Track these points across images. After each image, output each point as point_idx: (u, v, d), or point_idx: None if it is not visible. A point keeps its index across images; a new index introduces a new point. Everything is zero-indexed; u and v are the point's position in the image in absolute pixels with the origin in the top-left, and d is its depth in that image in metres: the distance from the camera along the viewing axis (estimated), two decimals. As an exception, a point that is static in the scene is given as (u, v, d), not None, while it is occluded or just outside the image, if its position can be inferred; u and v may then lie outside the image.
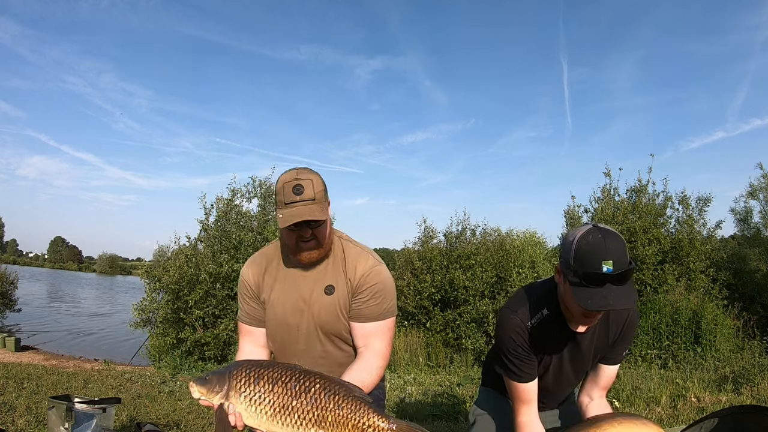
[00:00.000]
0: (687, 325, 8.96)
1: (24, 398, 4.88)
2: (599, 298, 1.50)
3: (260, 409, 1.51)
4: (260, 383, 1.53)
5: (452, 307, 10.73)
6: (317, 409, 1.50)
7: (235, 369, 1.57)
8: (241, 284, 1.89)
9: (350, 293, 1.78)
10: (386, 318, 1.80)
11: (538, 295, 1.75)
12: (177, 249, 10.57)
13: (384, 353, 1.79)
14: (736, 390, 5.21)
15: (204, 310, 9.53)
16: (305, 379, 1.54)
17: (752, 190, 11.84)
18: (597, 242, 1.51)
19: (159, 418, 4.66)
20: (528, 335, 1.72)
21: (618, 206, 10.89)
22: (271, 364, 1.59)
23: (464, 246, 11.45)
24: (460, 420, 4.75)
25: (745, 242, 12.00)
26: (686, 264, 10.35)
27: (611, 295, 1.49)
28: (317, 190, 1.68)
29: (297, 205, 1.66)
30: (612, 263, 1.47)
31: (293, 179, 1.68)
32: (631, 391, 5.07)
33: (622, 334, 1.79)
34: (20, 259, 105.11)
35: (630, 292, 1.52)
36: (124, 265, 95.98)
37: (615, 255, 1.48)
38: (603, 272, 1.48)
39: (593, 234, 1.53)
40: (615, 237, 1.53)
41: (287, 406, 1.51)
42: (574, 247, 1.54)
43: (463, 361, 10.15)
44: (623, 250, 1.51)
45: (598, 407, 1.86)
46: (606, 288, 1.50)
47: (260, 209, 10.81)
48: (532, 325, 1.71)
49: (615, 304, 1.50)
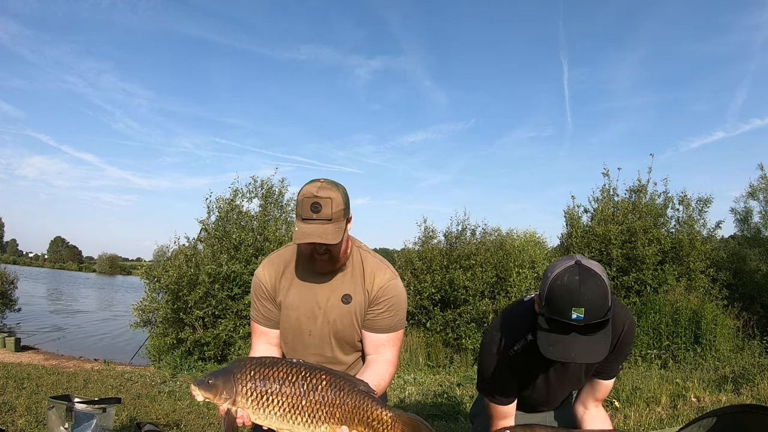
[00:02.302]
0: (687, 325, 8.96)
1: (24, 398, 4.88)
2: (561, 348, 1.41)
3: (269, 410, 1.53)
4: (267, 384, 1.53)
5: (452, 307, 10.73)
6: (326, 406, 1.52)
7: (239, 371, 1.56)
8: (257, 285, 1.89)
9: (367, 303, 1.81)
10: (398, 330, 1.84)
11: (524, 319, 1.65)
12: (177, 249, 10.58)
13: (394, 362, 1.83)
14: (736, 390, 5.21)
15: (204, 310, 9.53)
16: (312, 377, 1.55)
17: (752, 190, 11.86)
18: (571, 286, 1.39)
19: (159, 418, 4.66)
20: (509, 362, 1.68)
21: (618, 206, 10.89)
22: (274, 363, 1.59)
23: (464, 246, 11.45)
24: (460, 420, 4.75)
25: (745, 242, 12.01)
26: (686, 264, 10.35)
27: (576, 345, 1.40)
28: (335, 210, 1.67)
29: (312, 224, 1.66)
30: (584, 311, 1.37)
31: (313, 195, 1.67)
32: (631, 391, 5.07)
33: (617, 348, 1.69)
34: (20, 259, 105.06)
35: (599, 345, 1.41)
36: (124, 265, 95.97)
37: (589, 303, 1.37)
38: (571, 320, 1.38)
39: (570, 275, 1.41)
40: (594, 281, 1.39)
41: (297, 405, 1.53)
42: (548, 287, 1.44)
43: (463, 361, 10.15)
44: (602, 296, 1.39)
45: (593, 416, 1.85)
46: (571, 337, 1.40)
47: (261, 209, 10.80)
48: (515, 352, 1.65)
49: (576, 357, 1.40)
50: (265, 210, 10.77)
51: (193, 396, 1.58)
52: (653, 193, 10.94)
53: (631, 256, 10.12)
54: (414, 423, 1.56)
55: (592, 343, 1.40)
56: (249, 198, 10.77)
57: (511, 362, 1.68)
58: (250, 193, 10.78)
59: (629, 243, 10.19)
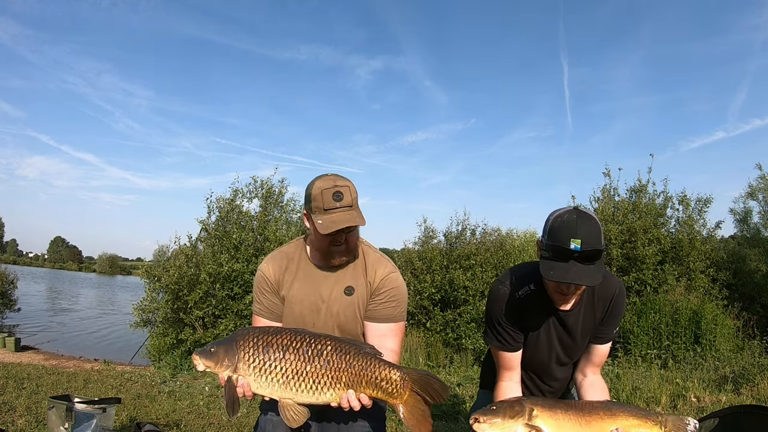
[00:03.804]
0: (687, 325, 8.95)
1: (24, 398, 4.88)
2: (561, 271, 1.56)
3: (271, 377, 1.50)
4: (269, 351, 1.51)
5: (452, 307, 10.72)
6: (331, 371, 1.50)
7: (242, 339, 1.53)
8: (260, 279, 1.91)
9: (368, 294, 1.84)
10: (399, 321, 1.87)
11: (526, 272, 1.82)
12: (177, 249, 10.57)
13: (397, 352, 1.85)
14: (736, 390, 5.21)
15: (204, 310, 9.52)
16: (316, 343, 1.53)
17: (751, 190, 11.84)
18: (570, 221, 1.58)
19: (159, 418, 4.66)
20: (514, 305, 1.80)
21: (618, 206, 10.89)
22: (277, 331, 1.57)
23: (464, 246, 11.44)
24: (460, 420, 4.75)
25: (744, 242, 12.01)
26: (686, 264, 10.33)
27: (573, 270, 1.55)
28: (353, 197, 1.73)
29: (337, 212, 1.69)
30: (580, 242, 1.53)
31: (333, 185, 1.71)
32: (631, 391, 5.07)
33: (609, 312, 1.82)
34: (20, 259, 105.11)
35: (595, 273, 1.56)
36: (124, 265, 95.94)
37: (585, 235, 1.54)
38: (569, 248, 1.54)
39: (569, 214, 1.61)
40: (589, 219, 1.59)
41: (301, 372, 1.50)
42: (549, 224, 1.63)
43: (463, 361, 10.14)
44: (596, 233, 1.57)
45: (592, 383, 1.91)
46: (569, 263, 1.56)
47: (261, 210, 10.80)
48: (519, 297, 1.78)
49: (575, 279, 1.54)
50: (265, 210, 10.77)
51: (194, 365, 1.56)
52: (653, 193, 10.95)
53: (631, 256, 10.11)
54: (424, 379, 1.56)
55: (587, 270, 1.55)
56: (249, 198, 10.79)
57: (517, 305, 1.79)
58: (250, 193, 10.79)
59: (629, 243, 10.19)
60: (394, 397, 1.55)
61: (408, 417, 1.54)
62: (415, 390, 1.55)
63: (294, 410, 1.53)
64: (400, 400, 1.55)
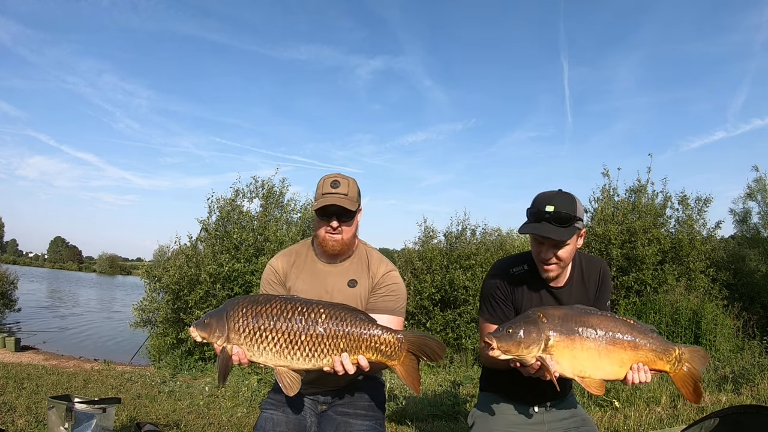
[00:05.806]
0: (687, 325, 8.95)
1: (24, 398, 4.88)
2: (533, 227, 1.79)
3: (264, 346, 1.52)
4: (259, 320, 1.53)
5: (452, 307, 10.72)
6: (329, 338, 1.53)
7: (231, 309, 1.56)
8: (269, 271, 2.03)
9: (370, 288, 1.96)
10: (398, 315, 1.96)
11: (523, 255, 2.01)
12: (177, 249, 10.58)
13: None
14: (736, 390, 5.21)
15: (204, 310, 9.51)
16: (309, 311, 1.55)
17: (750, 191, 11.85)
18: (549, 193, 1.83)
19: (159, 418, 4.66)
20: (508, 280, 1.95)
21: (617, 206, 10.89)
22: (267, 299, 1.59)
23: (464, 246, 11.44)
24: (460, 420, 4.75)
25: (744, 242, 12.01)
26: (686, 264, 10.33)
27: (544, 228, 1.77)
28: (351, 190, 1.91)
29: (330, 196, 1.87)
30: (554, 208, 1.76)
31: (334, 177, 1.92)
32: (631, 391, 5.06)
33: (600, 288, 1.98)
34: (20, 259, 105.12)
35: (564, 233, 1.76)
36: (124, 265, 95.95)
37: (559, 204, 1.77)
38: (543, 210, 1.77)
39: (551, 191, 1.85)
40: (567, 195, 1.82)
41: (295, 341, 1.52)
42: (533, 200, 1.85)
43: (463, 361, 10.14)
44: (570, 204, 1.79)
45: None
46: (542, 224, 1.78)
47: (262, 210, 10.80)
48: (513, 273, 1.95)
49: (544, 233, 1.76)
50: (265, 210, 10.77)
51: (192, 337, 1.60)
52: (652, 193, 10.94)
53: (631, 256, 10.11)
54: (420, 340, 1.62)
55: (556, 230, 1.76)
56: (250, 198, 10.79)
57: (511, 280, 1.95)
58: (251, 193, 10.79)
59: (629, 243, 10.19)
60: (393, 359, 1.61)
61: (404, 375, 1.62)
62: (412, 350, 1.62)
63: (290, 377, 1.56)
64: (398, 361, 1.61)
